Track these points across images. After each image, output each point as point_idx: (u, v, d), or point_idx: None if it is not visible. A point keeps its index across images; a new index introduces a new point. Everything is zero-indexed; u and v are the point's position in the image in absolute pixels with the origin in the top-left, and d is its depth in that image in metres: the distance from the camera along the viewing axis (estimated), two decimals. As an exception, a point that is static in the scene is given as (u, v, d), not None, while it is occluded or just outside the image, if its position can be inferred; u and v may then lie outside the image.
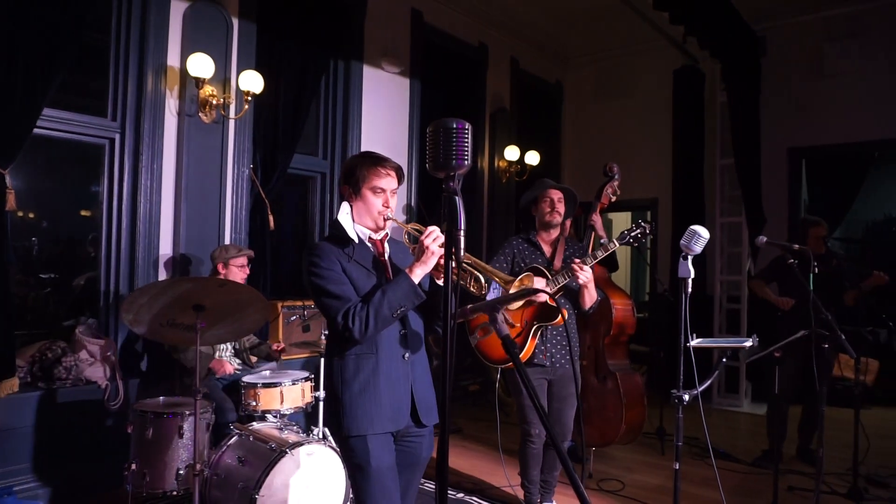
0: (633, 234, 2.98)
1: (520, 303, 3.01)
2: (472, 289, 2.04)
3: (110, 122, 3.91)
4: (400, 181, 2.19)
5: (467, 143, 1.13)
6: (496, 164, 6.74)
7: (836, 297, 4.23)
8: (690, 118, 6.80)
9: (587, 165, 7.37)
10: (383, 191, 2.11)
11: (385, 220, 2.13)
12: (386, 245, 2.21)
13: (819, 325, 3.08)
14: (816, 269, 3.90)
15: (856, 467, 3.78)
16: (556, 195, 3.25)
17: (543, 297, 3.01)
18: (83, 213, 4.82)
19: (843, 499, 3.73)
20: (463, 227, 1.12)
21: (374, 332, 1.99)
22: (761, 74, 6.46)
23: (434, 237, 1.93)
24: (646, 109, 7.29)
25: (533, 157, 6.80)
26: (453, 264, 1.14)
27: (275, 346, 3.87)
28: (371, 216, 2.12)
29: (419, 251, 1.96)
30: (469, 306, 1.51)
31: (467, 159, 1.13)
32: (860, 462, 3.85)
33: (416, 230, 2.06)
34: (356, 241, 2.11)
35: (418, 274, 1.97)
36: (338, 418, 2.06)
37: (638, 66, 7.42)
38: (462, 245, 1.14)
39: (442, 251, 1.91)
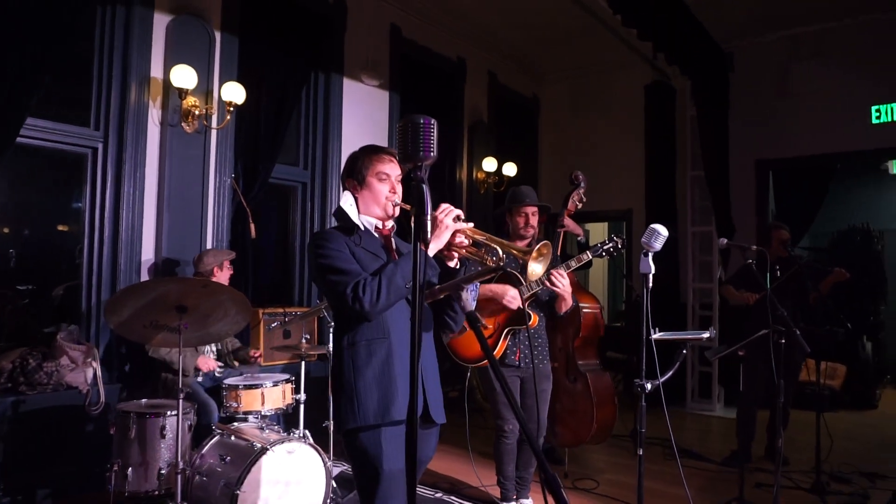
0: (605, 247, 3.13)
1: (495, 300, 3.12)
2: (490, 263, 1.97)
3: (93, 132, 3.97)
4: (404, 169, 2.10)
5: (433, 137, 1.26)
6: (474, 176, 6.89)
7: (799, 298, 4.40)
8: (662, 132, 7.04)
9: (563, 177, 7.49)
10: (388, 176, 2.09)
11: (394, 206, 2.09)
12: (392, 238, 2.18)
13: (776, 322, 3.24)
14: (778, 272, 4.09)
15: (818, 463, 3.93)
16: (532, 210, 3.39)
17: (516, 304, 3.13)
18: (60, 227, 4.86)
19: (806, 493, 3.88)
20: (429, 213, 1.24)
21: (385, 305, 1.89)
22: (729, 90, 6.72)
23: (447, 212, 1.88)
24: (619, 123, 7.51)
25: (510, 169, 6.97)
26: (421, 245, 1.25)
27: (252, 353, 3.94)
28: (378, 204, 2.08)
29: (432, 226, 1.86)
30: (437, 287, 1.61)
31: (433, 151, 1.25)
32: (824, 460, 4.01)
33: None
34: (362, 227, 2.07)
35: (431, 248, 1.87)
36: (351, 407, 1.93)
37: (611, 82, 7.65)
38: (429, 227, 1.25)
39: (455, 225, 1.87)
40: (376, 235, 2.13)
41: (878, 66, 6.08)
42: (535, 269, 1.79)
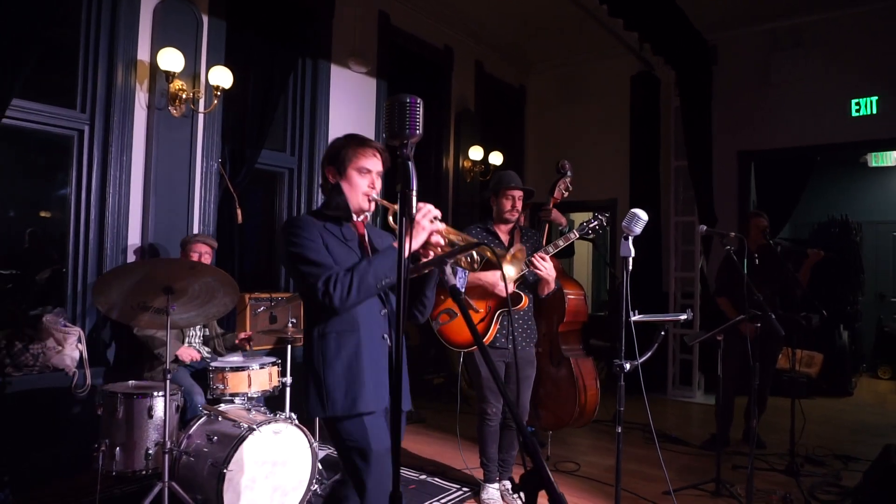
0: (591, 225, 3.16)
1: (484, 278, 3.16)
2: (463, 263, 2.02)
3: (79, 114, 3.96)
4: (385, 164, 2.15)
5: (419, 115, 1.29)
6: (461, 164, 6.93)
7: (778, 285, 4.50)
8: (647, 122, 7.11)
9: (549, 166, 7.56)
10: (369, 171, 2.08)
11: (370, 200, 2.09)
12: (365, 228, 2.19)
13: (752, 307, 3.32)
14: (757, 260, 4.19)
15: (793, 446, 4.05)
16: (518, 194, 3.43)
17: (501, 290, 3.18)
18: (42, 213, 4.84)
19: (781, 475, 3.99)
20: (415, 188, 1.28)
21: (356, 301, 1.92)
22: (713, 81, 6.81)
23: (424, 213, 1.89)
24: (605, 113, 7.58)
25: (497, 158, 7.02)
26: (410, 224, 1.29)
27: (241, 335, 3.95)
28: (356, 197, 2.08)
29: (410, 227, 1.86)
30: (420, 262, 1.65)
31: (419, 129, 1.29)
32: (798, 442, 4.13)
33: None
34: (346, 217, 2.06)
35: (407, 248, 1.93)
36: (320, 399, 1.98)
37: (597, 72, 7.71)
38: (415, 204, 1.29)
39: (432, 226, 1.89)
40: (351, 227, 2.13)
41: (858, 60, 6.18)
42: (508, 271, 1.83)
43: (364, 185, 2.08)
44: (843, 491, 3.70)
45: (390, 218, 2.15)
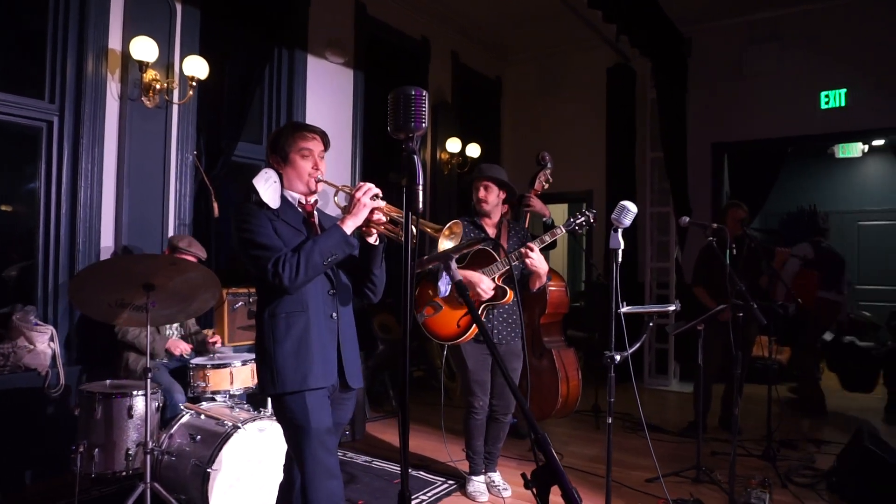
0: (578, 221, 3.14)
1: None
2: (401, 238, 2.06)
3: (48, 105, 3.82)
4: (326, 146, 2.23)
5: (424, 108, 1.27)
6: (438, 156, 6.89)
7: (752, 276, 4.59)
8: (623, 114, 7.16)
9: (526, 158, 7.59)
10: (310, 152, 2.16)
11: (316, 181, 2.17)
12: (315, 211, 2.25)
13: (735, 296, 3.38)
14: (734, 251, 4.25)
15: (769, 432, 4.15)
16: (483, 183, 3.39)
17: (486, 297, 3.16)
18: (3, 207, 4.65)
19: (758, 460, 4.08)
20: (420, 183, 1.25)
21: (304, 280, 2.00)
22: (688, 74, 6.88)
23: (364, 190, 1.99)
24: (581, 105, 7.61)
25: (474, 150, 7.00)
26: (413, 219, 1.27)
27: (210, 339, 3.82)
28: (302, 180, 2.16)
29: (350, 204, 2.02)
30: (424, 257, 1.63)
31: (424, 122, 1.26)
32: (775, 429, 4.23)
33: (347, 189, 2.12)
34: (274, 206, 2.11)
35: (349, 225, 2.02)
36: (271, 376, 2.06)
37: (574, 64, 7.74)
38: (420, 199, 1.27)
39: (373, 203, 1.99)
40: (299, 210, 2.19)
41: (827, 53, 6.31)
42: (445, 245, 1.86)
43: (308, 166, 2.16)
44: (817, 473, 3.80)
45: (335, 198, 2.25)
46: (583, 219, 3.11)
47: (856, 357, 6.14)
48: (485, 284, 3.14)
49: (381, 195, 2.03)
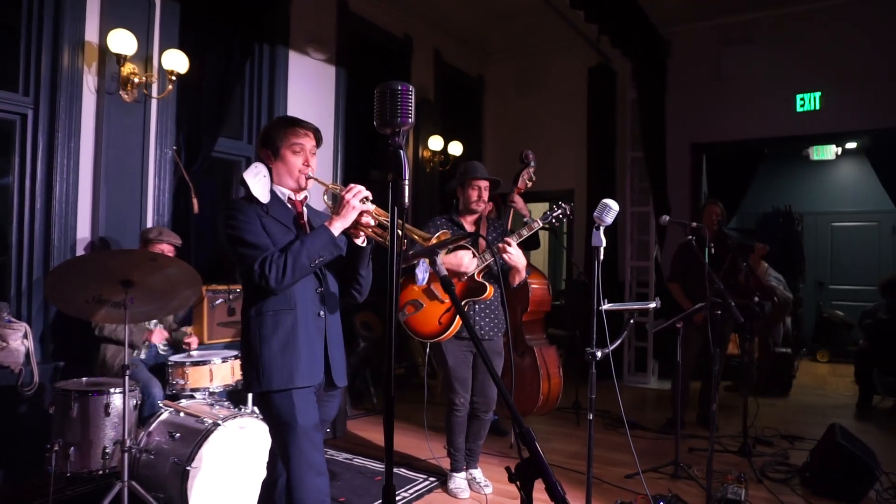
0: (554, 214, 3.17)
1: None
2: (370, 234, 2.09)
3: (22, 97, 3.74)
4: (318, 143, 2.20)
5: (410, 103, 1.26)
6: (420, 154, 6.88)
7: (729, 274, 4.65)
8: (603, 113, 7.22)
9: (507, 156, 7.64)
10: (302, 148, 2.13)
11: (307, 178, 2.15)
12: (304, 208, 2.23)
13: (713, 294, 3.43)
14: (713, 250, 4.31)
15: (745, 428, 4.22)
16: (484, 184, 3.42)
17: (470, 270, 3.16)
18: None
19: (735, 455, 4.15)
20: (407, 178, 1.25)
21: (291, 281, 1.99)
22: (667, 75, 6.96)
23: (354, 193, 1.97)
24: (562, 104, 7.65)
25: (456, 148, 7.00)
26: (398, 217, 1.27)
27: (186, 340, 3.75)
28: (292, 176, 2.14)
29: (339, 205, 2.00)
30: (410, 252, 1.64)
31: (410, 117, 1.26)
32: (750, 426, 4.31)
33: (337, 189, 2.11)
34: (264, 200, 2.09)
35: (337, 227, 2.00)
36: (256, 374, 2.04)
37: (556, 64, 7.78)
38: (407, 194, 1.26)
39: (362, 206, 1.97)
40: (289, 206, 2.17)
41: (803, 55, 6.41)
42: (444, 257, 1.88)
43: (299, 162, 2.13)
44: (791, 468, 3.87)
45: (324, 197, 2.22)
46: (559, 211, 3.13)
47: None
48: (466, 259, 3.15)
49: (370, 198, 2.01)
